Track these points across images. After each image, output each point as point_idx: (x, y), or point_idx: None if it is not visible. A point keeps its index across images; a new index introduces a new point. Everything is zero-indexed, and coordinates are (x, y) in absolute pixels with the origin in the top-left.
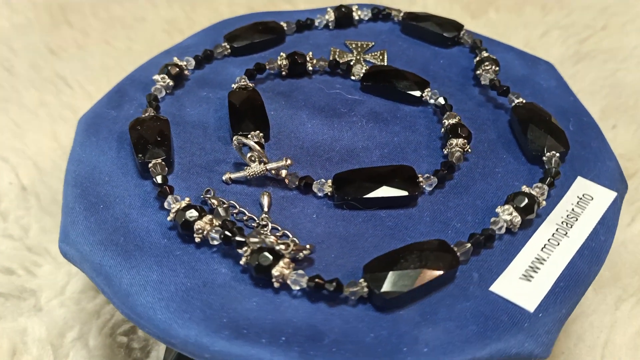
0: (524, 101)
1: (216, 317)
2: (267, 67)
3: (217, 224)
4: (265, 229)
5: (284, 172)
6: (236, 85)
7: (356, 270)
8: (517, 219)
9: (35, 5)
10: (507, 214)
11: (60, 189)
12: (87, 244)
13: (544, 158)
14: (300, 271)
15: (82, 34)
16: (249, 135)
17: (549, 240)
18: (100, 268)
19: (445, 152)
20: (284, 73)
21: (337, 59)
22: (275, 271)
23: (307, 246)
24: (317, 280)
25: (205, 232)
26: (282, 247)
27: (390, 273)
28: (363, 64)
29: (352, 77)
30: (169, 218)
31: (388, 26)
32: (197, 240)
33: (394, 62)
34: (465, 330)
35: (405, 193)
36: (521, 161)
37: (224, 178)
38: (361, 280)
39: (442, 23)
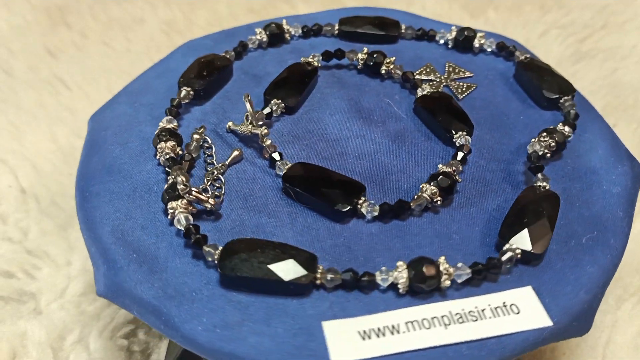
0: (548, 187)
1: (113, 217)
2: (346, 56)
3: (177, 150)
4: (210, 175)
5: (268, 141)
6: (304, 59)
7: None
8: (403, 281)
9: (33, 7)
10: (397, 271)
11: (59, 191)
12: (99, 125)
13: (503, 249)
14: (189, 216)
15: (80, 36)
16: (272, 102)
17: (423, 320)
18: (89, 147)
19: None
20: (359, 67)
21: (414, 74)
22: (170, 204)
23: (211, 201)
24: (190, 227)
25: (162, 153)
26: (182, 187)
27: (240, 254)
28: (440, 88)
29: (415, 96)
30: (155, 132)
31: (506, 66)
32: (157, 157)
33: (474, 100)
34: (258, 338)
35: (342, 210)
36: (487, 242)
37: (227, 125)
38: (220, 248)
39: (549, 80)
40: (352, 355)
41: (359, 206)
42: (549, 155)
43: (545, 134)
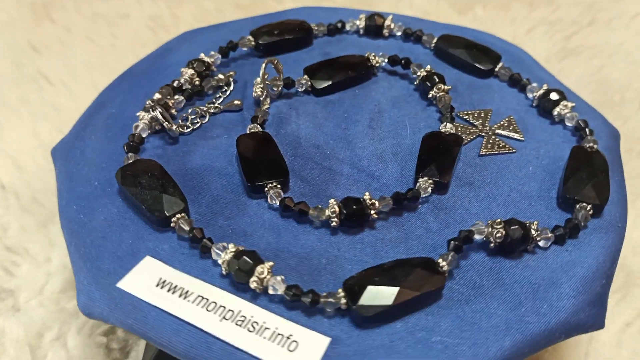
0: (445, 269)
1: (112, 105)
2: (411, 68)
3: (195, 80)
4: (199, 110)
5: (266, 106)
6: (369, 53)
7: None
8: (222, 261)
9: (17, 2)
10: (225, 252)
11: (40, 187)
12: (171, 47)
13: (334, 292)
14: (146, 127)
15: (65, 31)
16: (303, 78)
17: (212, 302)
18: (153, 55)
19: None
20: (416, 83)
21: (454, 110)
22: (139, 113)
23: (166, 124)
24: (134, 135)
25: (182, 78)
26: (149, 102)
27: (134, 171)
28: (469, 137)
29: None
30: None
31: (569, 141)
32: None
33: (494, 163)
34: (97, 238)
35: (248, 183)
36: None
37: (254, 81)
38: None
39: (582, 179)
40: (134, 290)
41: (266, 188)
42: (492, 245)
43: (500, 220)
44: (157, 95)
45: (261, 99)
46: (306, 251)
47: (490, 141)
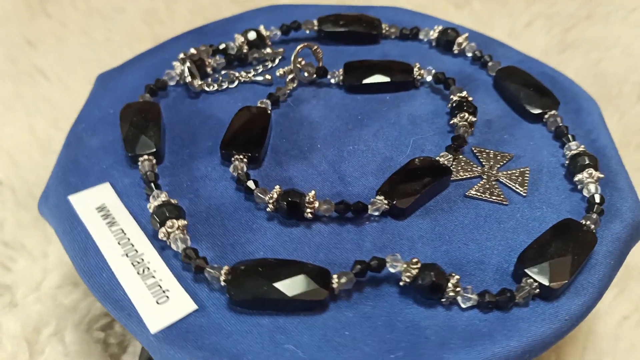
0: (336, 286)
1: (158, 60)
2: (451, 89)
3: (244, 48)
4: (232, 75)
5: (289, 87)
6: (415, 65)
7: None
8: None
9: None
10: (154, 200)
11: (35, 182)
12: (235, 20)
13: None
14: (177, 76)
15: (60, 25)
16: (337, 71)
17: (131, 245)
18: (215, 23)
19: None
20: (448, 106)
21: (476, 145)
22: (175, 62)
23: (189, 78)
24: (159, 79)
25: (232, 43)
26: (182, 55)
27: (137, 110)
28: (466, 174)
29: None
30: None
31: (577, 214)
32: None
33: (476, 209)
34: (85, 160)
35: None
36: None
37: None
38: (146, 100)
39: (535, 264)
40: (76, 205)
41: (233, 159)
42: (402, 283)
43: (417, 260)
44: (192, 50)
45: (287, 79)
46: (234, 225)
47: (487, 186)
